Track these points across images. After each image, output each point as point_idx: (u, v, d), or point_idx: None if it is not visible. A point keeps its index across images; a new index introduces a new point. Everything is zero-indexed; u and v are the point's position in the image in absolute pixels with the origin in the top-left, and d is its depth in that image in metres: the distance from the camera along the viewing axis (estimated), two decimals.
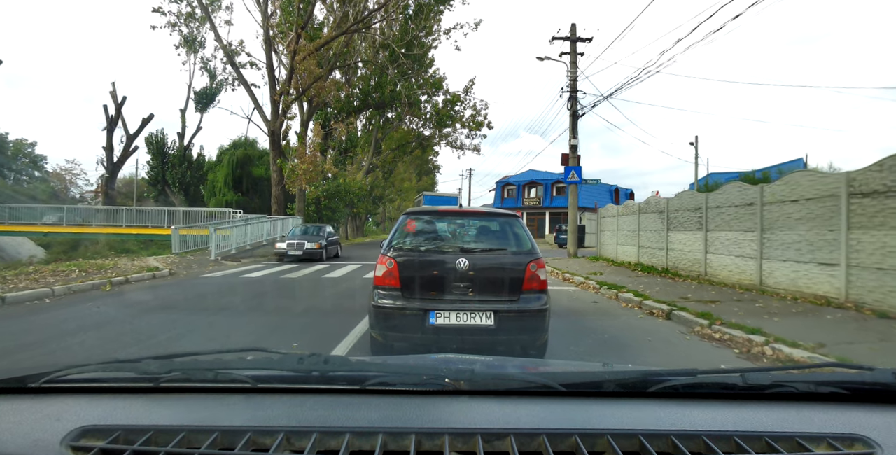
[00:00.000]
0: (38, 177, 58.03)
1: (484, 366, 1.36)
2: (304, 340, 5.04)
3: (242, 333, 5.37)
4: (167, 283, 9.99)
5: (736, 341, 5.09)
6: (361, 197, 36.99)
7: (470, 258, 3.92)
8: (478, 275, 3.89)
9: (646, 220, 13.58)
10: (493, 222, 4.45)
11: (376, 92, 28.91)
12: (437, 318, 3.77)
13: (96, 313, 6.57)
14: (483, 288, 3.89)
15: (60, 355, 4.46)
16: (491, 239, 4.28)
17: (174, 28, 29.11)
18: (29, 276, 9.29)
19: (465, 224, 4.57)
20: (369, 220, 70.24)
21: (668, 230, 12.15)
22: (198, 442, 0.84)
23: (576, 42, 17.32)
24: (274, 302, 7.86)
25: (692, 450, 0.83)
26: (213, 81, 38.90)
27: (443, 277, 3.90)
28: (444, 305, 3.81)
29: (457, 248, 4.07)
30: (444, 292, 3.88)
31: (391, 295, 3.92)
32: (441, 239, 4.28)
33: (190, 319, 6.13)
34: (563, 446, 0.84)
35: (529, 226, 41.46)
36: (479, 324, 3.77)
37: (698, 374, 1.07)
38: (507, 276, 3.94)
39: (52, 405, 0.99)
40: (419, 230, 4.30)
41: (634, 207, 14.49)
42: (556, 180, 41.58)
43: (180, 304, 7.62)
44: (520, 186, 43.01)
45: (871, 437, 0.86)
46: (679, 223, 11.62)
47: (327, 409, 0.97)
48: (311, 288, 9.39)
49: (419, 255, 4.03)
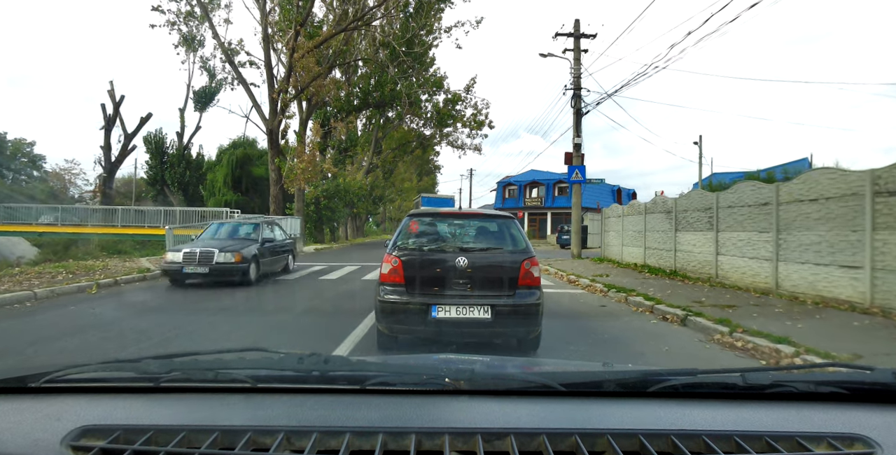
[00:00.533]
0: (37, 177, 57.73)
1: (484, 366, 1.36)
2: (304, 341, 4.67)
3: (242, 334, 5.02)
4: (157, 286, 9.62)
5: (761, 351, 4.70)
6: (361, 197, 36.66)
7: (469, 257, 4.17)
8: (476, 272, 4.13)
9: (652, 221, 13.20)
10: (490, 223, 4.69)
11: (376, 91, 28.50)
12: (438, 312, 4.01)
13: (80, 316, 6.21)
14: (481, 284, 4.14)
15: (35, 363, 4.10)
16: (488, 239, 4.53)
17: (173, 27, 28.74)
18: (13, 278, 8.93)
19: (465, 225, 4.81)
20: (370, 220, 70.10)
21: (676, 231, 11.77)
22: (198, 442, 0.84)
23: (579, 38, 16.95)
24: (274, 302, 7.51)
25: (692, 449, 0.82)
26: (212, 80, 38.47)
27: (444, 274, 4.14)
28: (445, 300, 4.05)
29: (457, 247, 4.34)
30: (444, 288, 4.12)
31: (396, 291, 4.16)
32: (442, 239, 4.55)
33: (180, 322, 5.75)
34: (563, 446, 0.84)
35: (531, 226, 41.09)
36: (477, 317, 4.01)
37: (698, 374, 1.06)
38: (504, 274, 4.18)
39: (52, 405, 0.99)
40: (422, 231, 4.56)
41: (640, 207, 14.11)
42: (557, 180, 41.21)
43: (168, 306, 7.25)
44: (521, 186, 42.64)
45: (871, 437, 0.85)
46: (688, 224, 11.24)
47: (327, 409, 0.97)
48: (311, 293, 9.03)
49: (422, 253, 4.28)
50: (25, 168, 58.06)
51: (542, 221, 41.67)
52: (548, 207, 41.06)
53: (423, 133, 39.93)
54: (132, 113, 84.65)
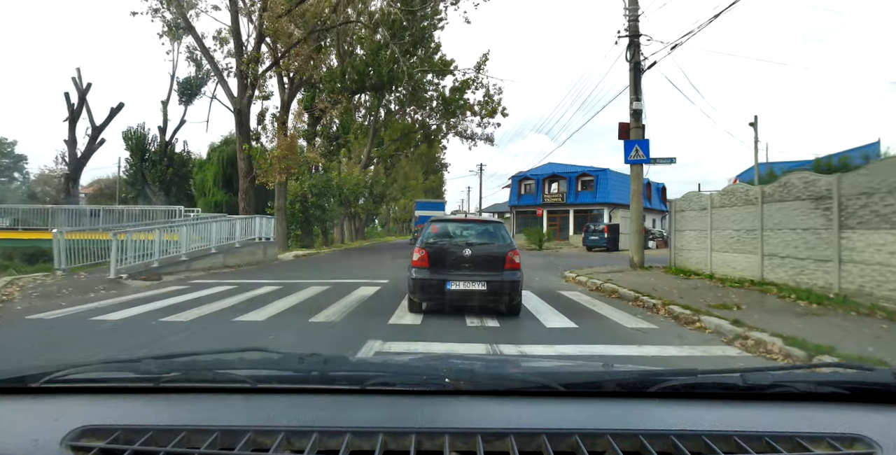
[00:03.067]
0: (18, 178, 54.14)
1: (484, 366, 1.38)
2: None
3: None
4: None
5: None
6: (359, 194, 32.21)
7: (472, 248, 6.36)
8: (477, 258, 6.28)
9: (780, 214, 8.55)
10: (487, 227, 6.94)
11: (372, 69, 23.83)
12: (452, 285, 6.12)
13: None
14: (480, 266, 6.24)
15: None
16: (485, 237, 6.68)
17: (156, 14, 24.11)
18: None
19: (469, 227, 6.98)
20: (374, 221, 65.60)
21: (840, 228, 7.14)
22: (198, 442, 0.83)
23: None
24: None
25: (692, 450, 0.81)
26: (198, 71, 34.57)
27: (455, 260, 6.27)
28: (456, 277, 6.16)
29: (464, 242, 6.53)
30: (455, 269, 6.22)
31: (422, 271, 6.25)
32: (453, 236, 6.79)
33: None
34: (563, 446, 0.83)
35: (551, 225, 36.40)
36: (477, 289, 6.11)
37: (698, 374, 1.05)
38: (495, 260, 6.32)
39: (52, 405, 0.99)
40: (440, 231, 6.82)
41: (750, 194, 9.45)
42: (580, 173, 36.42)
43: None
44: (539, 181, 37.90)
45: (871, 437, 0.84)
46: (872, 217, 6.60)
47: (327, 409, 0.96)
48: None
49: (441, 246, 6.47)
50: (6, 170, 54.37)
51: (564, 220, 36.96)
52: (570, 204, 36.28)
53: (427, 123, 35.53)
54: (110, 105, 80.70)
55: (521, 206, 38.82)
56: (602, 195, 35.11)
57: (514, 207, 39.07)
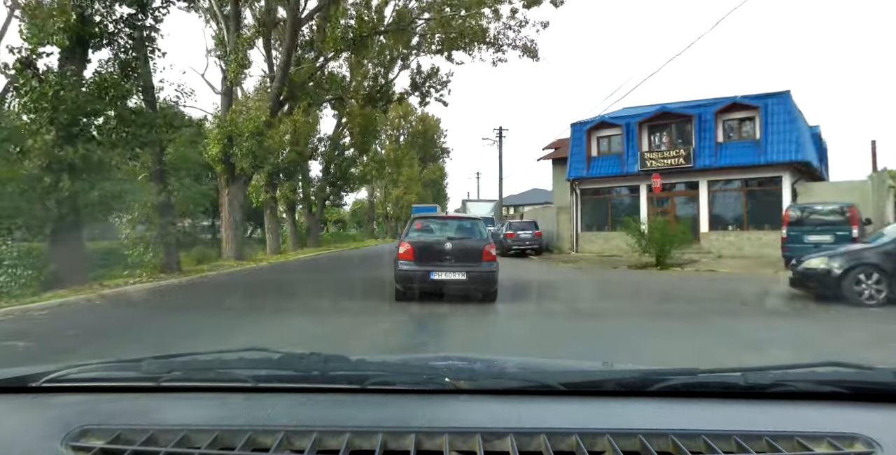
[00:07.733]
0: None
1: (484, 365, 1.39)
2: None
3: None
4: None
5: None
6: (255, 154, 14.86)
7: (452, 242, 7.35)
8: (457, 251, 7.22)
9: None
10: (465, 223, 8.29)
11: None
12: (435, 275, 7.03)
13: None
14: (460, 258, 7.19)
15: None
16: (464, 232, 7.81)
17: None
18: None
19: (450, 223, 8.38)
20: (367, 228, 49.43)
21: None
22: (198, 441, 0.83)
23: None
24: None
25: (692, 449, 0.82)
26: None
27: (438, 252, 7.23)
28: (438, 268, 7.08)
29: (445, 236, 7.57)
30: (438, 261, 7.15)
31: (408, 263, 7.15)
32: (435, 231, 7.94)
33: None
34: (562, 446, 0.83)
35: (660, 211, 18.52)
36: (457, 278, 7.07)
37: (699, 374, 1.05)
38: (473, 252, 7.28)
39: (52, 404, 1.00)
40: (423, 227, 8.04)
41: None
42: (727, 105, 18.32)
43: None
44: (630, 129, 19.96)
45: (871, 437, 0.85)
46: None
47: (327, 409, 0.97)
48: None
49: (424, 240, 7.51)
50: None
51: (688, 201, 19.07)
52: (702, 168, 18.24)
53: (407, 15, 18.27)
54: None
55: (593, 178, 20.94)
56: (779, 148, 17.14)
57: (578, 182, 21.22)
